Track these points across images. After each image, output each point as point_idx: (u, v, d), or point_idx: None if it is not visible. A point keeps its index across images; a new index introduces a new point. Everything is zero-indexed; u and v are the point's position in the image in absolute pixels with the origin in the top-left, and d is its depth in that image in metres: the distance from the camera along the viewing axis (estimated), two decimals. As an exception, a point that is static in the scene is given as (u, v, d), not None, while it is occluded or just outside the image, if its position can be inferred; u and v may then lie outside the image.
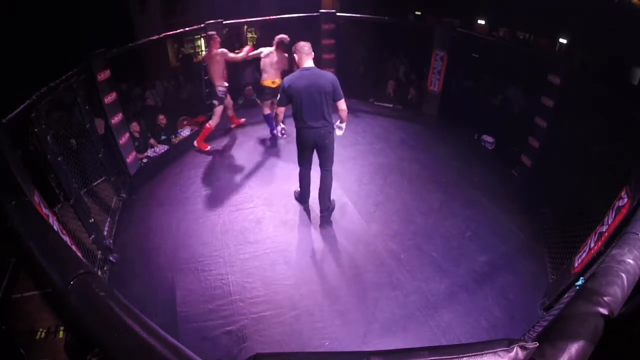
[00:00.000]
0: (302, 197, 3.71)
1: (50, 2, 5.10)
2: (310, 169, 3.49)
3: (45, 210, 2.30)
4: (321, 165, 3.41)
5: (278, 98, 3.21)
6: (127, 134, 4.41)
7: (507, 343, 0.86)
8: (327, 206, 3.52)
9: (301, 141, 3.29)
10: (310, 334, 2.60)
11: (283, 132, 3.43)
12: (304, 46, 3.12)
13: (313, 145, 3.28)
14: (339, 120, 3.29)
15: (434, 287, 2.94)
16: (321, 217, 3.54)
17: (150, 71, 6.34)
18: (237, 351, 2.48)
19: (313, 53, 3.16)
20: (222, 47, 4.48)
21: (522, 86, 5.04)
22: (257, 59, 4.70)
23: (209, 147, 4.76)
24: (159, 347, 0.94)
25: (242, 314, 2.73)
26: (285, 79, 3.13)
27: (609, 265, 1.20)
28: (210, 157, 4.65)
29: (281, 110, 3.27)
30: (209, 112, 5.64)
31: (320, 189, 3.48)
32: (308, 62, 3.13)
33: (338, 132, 3.33)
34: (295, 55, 3.15)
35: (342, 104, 3.19)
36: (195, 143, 4.79)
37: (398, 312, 2.74)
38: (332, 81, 3.10)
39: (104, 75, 3.92)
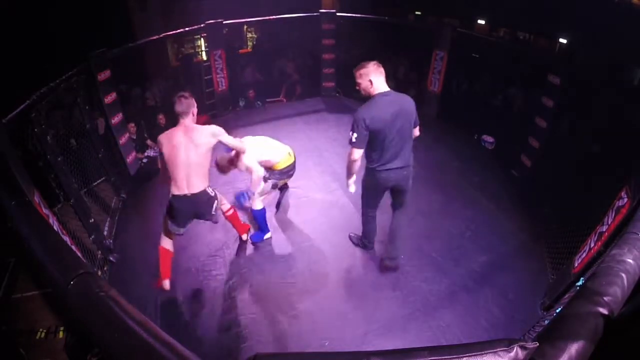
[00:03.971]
0: (367, 242, 3.17)
1: (50, 2, 5.10)
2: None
3: (45, 210, 2.30)
4: (398, 205, 2.88)
5: (356, 137, 2.43)
6: (127, 134, 4.41)
7: (507, 343, 0.86)
8: (397, 252, 2.99)
9: (376, 185, 2.70)
10: (310, 334, 2.60)
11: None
12: (375, 64, 2.46)
13: (391, 187, 2.74)
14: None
15: (434, 287, 2.94)
16: (386, 266, 3.00)
17: (150, 71, 6.34)
18: (237, 351, 2.48)
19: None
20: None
21: (522, 86, 5.03)
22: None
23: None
24: (158, 347, 0.94)
25: (242, 314, 2.73)
26: (362, 111, 2.43)
27: (609, 265, 1.19)
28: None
29: (361, 155, 2.52)
30: (209, 112, 5.66)
31: (392, 230, 2.92)
32: (384, 85, 2.48)
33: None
34: (367, 79, 2.43)
35: (417, 131, 2.64)
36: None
37: (398, 312, 2.74)
38: (413, 103, 2.52)
39: (104, 75, 3.92)
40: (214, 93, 5.62)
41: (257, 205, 3.19)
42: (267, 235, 3.37)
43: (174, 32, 5.11)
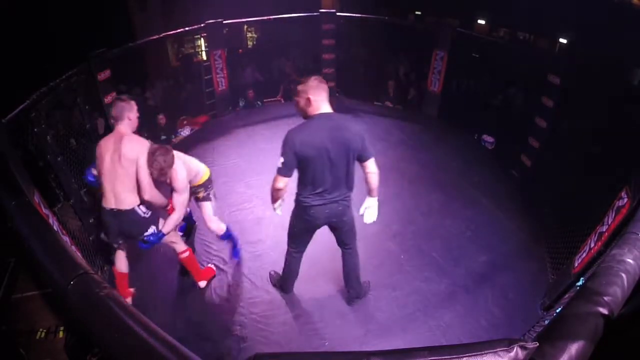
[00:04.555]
0: (285, 284, 2.81)
1: (50, 2, 5.10)
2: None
3: (45, 210, 2.30)
4: (342, 244, 2.55)
5: (283, 163, 2.07)
6: (127, 134, 4.40)
7: (507, 343, 0.86)
8: (358, 292, 2.76)
9: (305, 220, 2.33)
10: (310, 334, 2.60)
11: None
12: (316, 80, 2.12)
13: (323, 225, 2.39)
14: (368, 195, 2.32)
15: (434, 287, 2.94)
16: (351, 303, 2.77)
17: (150, 71, 6.34)
18: (237, 351, 2.49)
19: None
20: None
21: (522, 86, 5.04)
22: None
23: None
24: (158, 347, 0.94)
25: (242, 314, 2.73)
26: (293, 133, 2.05)
27: (609, 265, 1.20)
28: (209, 158, 4.64)
29: (286, 183, 2.17)
30: (209, 112, 5.66)
31: (345, 272, 2.66)
32: (325, 106, 2.10)
33: (369, 219, 2.37)
34: (305, 96, 2.08)
35: (372, 165, 2.21)
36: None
37: (398, 312, 2.74)
38: (361, 133, 2.12)
39: (104, 75, 3.91)
40: (214, 93, 5.61)
41: (220, 227, 2.97)
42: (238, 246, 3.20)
43: (174, 32, 5.10)
